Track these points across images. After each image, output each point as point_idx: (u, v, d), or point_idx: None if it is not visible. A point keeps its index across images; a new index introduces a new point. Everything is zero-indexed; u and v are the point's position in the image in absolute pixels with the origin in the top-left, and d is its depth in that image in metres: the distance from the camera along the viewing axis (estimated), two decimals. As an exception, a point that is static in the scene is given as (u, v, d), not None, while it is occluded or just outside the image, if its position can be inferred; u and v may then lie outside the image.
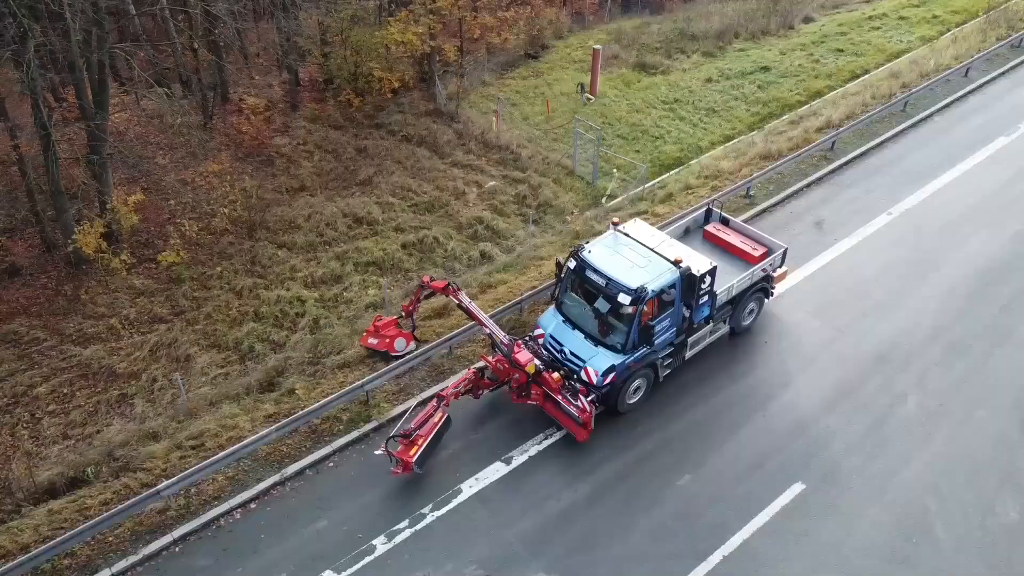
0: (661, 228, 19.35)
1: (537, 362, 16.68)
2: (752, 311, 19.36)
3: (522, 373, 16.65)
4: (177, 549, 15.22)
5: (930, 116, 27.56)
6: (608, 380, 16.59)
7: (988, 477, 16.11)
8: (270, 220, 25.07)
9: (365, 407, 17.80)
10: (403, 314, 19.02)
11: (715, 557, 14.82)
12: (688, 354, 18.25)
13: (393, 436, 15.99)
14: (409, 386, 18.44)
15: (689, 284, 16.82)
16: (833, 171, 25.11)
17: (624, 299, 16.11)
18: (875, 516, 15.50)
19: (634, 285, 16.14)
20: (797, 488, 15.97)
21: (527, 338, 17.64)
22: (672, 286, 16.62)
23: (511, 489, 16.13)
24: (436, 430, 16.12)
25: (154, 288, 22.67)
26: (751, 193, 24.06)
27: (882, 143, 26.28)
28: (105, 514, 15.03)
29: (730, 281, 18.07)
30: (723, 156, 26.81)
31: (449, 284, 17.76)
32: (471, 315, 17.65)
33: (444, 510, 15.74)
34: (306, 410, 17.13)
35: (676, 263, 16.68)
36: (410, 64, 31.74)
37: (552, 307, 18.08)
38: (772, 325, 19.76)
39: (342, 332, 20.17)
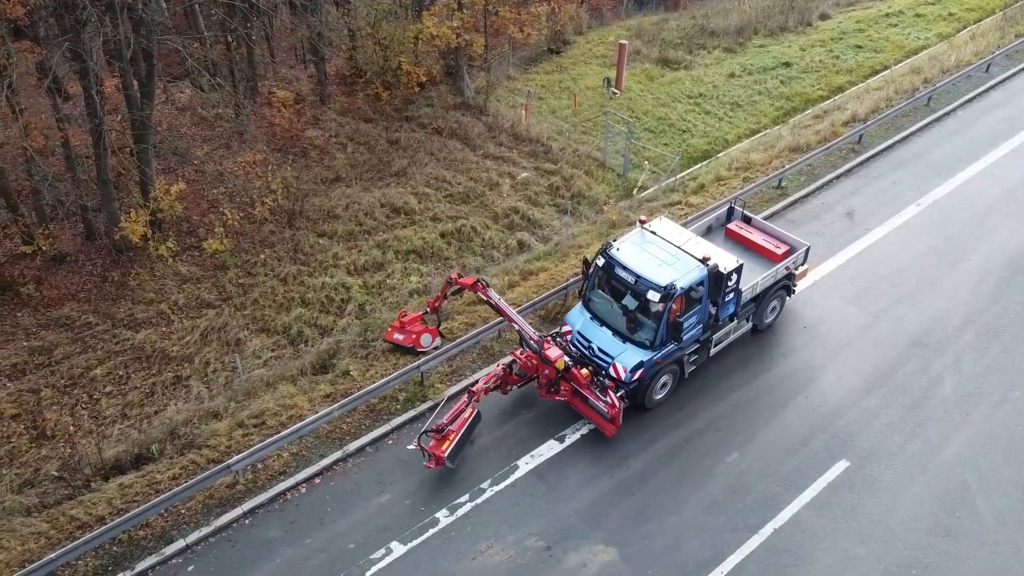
0: (683, 225, 19.50)
1: (566, 358, 16.88)
2: (774, 308, 19.59)
3: (552, 369, 16.81)
4: (247, 521, 15.77)
5: (954, 111, 28.12)
6: (636, 376, 16.86)
7: (1026, 455, 16.72)
8: (309, 210, 25.52)
9: (420, 387, 18.33)
10: (428, 310, 19.11)
11: (767, 529, 15.40)
12: (713, 351, 18.55)
13: (426, 431, 16.26)
14: (461, 368, 18.96)
15: (716, 281, 17.00)
16: (861, 163, 25.67)
17: (653, 296, 16.30)
18: (918, 492, 16.08)
19: (663, 282, 16.32)
20: (842, 465, 16.56)
21: (555, 335, 17.81)
22: (700, 283, 16.80)
23: (566, 465, 16.69)
24: (467, 425, 16.40)
25: (200, 275, 23.13)
26: (783, 184, 24.63)
27: (908, 136, 26.84)
28: (177, 488, 15.55)
29: (754, 279, 18.31)
30: (751, 149, 27.37)
31: (478, 280, 17.66)
32: (500, 311, 17.63)
33: (503, 485, 16.29)
34: (364, 390, 17.65)
35: (704, 261, 16.80)
36: (435, 59, 32.21)
37: (579, 304, 18.24)
38: (809, 311, 20.30)
39: (389, 318, 20.62)
